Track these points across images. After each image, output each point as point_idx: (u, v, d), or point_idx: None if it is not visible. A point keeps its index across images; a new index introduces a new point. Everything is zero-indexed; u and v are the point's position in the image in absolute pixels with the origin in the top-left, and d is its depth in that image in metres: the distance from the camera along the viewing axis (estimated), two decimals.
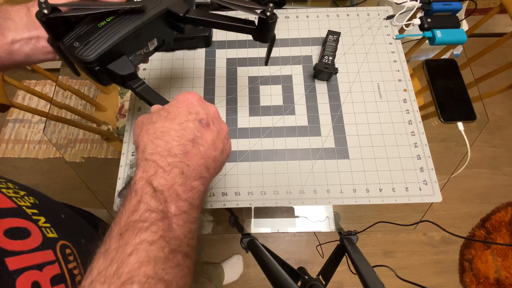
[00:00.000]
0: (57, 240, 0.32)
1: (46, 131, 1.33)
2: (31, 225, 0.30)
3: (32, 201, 0.33)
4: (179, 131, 0.25)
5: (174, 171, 0.23)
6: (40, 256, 0.28)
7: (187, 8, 0.35)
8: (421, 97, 0.82)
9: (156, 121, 0.25)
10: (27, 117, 1.41)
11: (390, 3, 0.65)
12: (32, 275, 0.26)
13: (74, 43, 0.31)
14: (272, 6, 0.34)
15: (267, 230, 0.71)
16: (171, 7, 0.34)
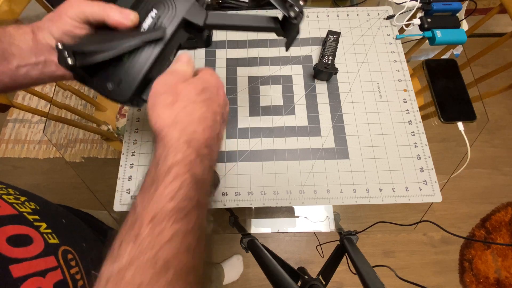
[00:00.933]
0: (58, 246, 0.32)
1: (46, 131, 1.33)
2: (33, 232, 0.30)
3: (33, 207, 0.33)
4: (212, 121, 0.24)
5: (205, 164, 0.23)
6: (42, 262, 0.28)
7: (205, 14, 0.32)
8: (421, 97, 0.82)
9: (195, 100, 0.24)
10: (27, 117, 1.41)
11: (390, 3, 0.65)
12: (36, 282, 0.26)
13: (107, 84, 0.30)
14: (300, 5, 0.32)
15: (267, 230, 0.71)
16: (188, 16, 0.32)
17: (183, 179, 0.20)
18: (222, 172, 0.52)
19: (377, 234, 1.23)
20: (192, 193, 0.21)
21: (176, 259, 0.18)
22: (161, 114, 0.23)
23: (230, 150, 0.53)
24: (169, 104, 0.23)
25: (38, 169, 1.32)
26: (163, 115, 0.23)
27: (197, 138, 0.23)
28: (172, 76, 0.26)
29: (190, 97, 0.24)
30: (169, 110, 0.23)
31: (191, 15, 0.31)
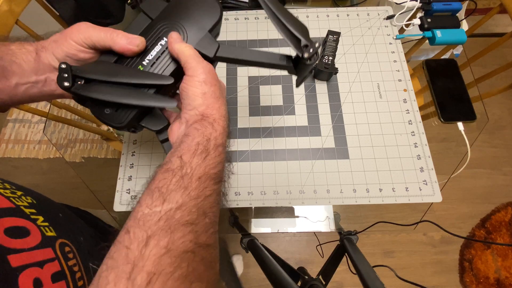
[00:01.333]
0: (56, 238, 0.32)
1: (46, 131, 1.33)
2: (30, 224, 0.30)
3: (30, 201, 0.33)
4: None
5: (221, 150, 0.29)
6: (40, 254, 0.29)
7: (216, 46, 0.32)
8: (421, 97, 0.82)
9: (223, 103, 0.30)
10: (27, 117, 1.41)
11: (390, 3, 0.65)
12: (34, 272, 0.27)
13: (105, 110, 0.30)
14: (315, 47, 0.31)
15: (267, 230, 0.71)
16: (199, 47, 0.31)
17: (223, 157, 0.27)
18: None
19: (377, 234, 1.23)
20: (224, 167, 0.28)
21: (212, 210, 0.24)
22: (211, 104, 0.28)
23: (230, 150, 0.53)
24: (218, 98, 0.29)
25: (38, 169, 1.32)
26: (214, 105, 0.28)
27: (229, 129, 0.30)
28: (214, 72, 0.30)
29: (224, 95, 0.31)
30: (218, 103, 0.28)
31: (202, 46, 0.32)
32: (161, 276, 0.19)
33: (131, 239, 0.20)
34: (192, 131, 0.26)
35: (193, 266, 0.21)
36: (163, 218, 0.21)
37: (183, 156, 0.25)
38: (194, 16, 0.32)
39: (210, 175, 0.25)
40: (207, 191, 0.24)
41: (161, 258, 0.20)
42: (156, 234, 0.21)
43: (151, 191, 0.23)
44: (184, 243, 0.21)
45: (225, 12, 0.66)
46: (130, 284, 0.19)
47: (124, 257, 0.20)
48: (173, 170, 0.24)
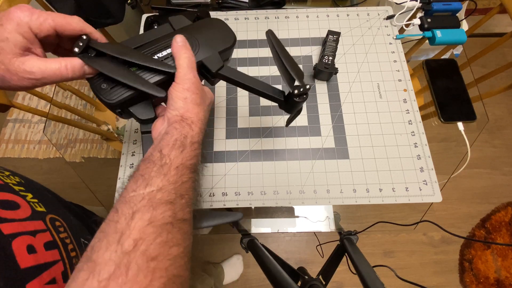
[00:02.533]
0: (46, 213, 0.33)
1: (46, 131, 1.33)
2: (20, 199, 0.31)
3: (18, 180, 0.34)
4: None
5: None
6: (31, 224, 0.30)
7: (221, 64, 0.36)
8: (421, 97, 0.82)
9: (203, 109, 0.33)
10: (27, 117, 1.41)
11: (390, 3, 0.65)
12: (26, 240, 0.28)
13: (102, 84, 0.32)
14: (306, 89, 0.36)
15: (267, 230, 0.71)
16: (206, 61, 0.35)
17: (198, 152, 0.31)
18: (222, 172, 0.52)
19: (377, 234, 1.23)
20: (198, 161, 0.31)
21: (188, 193, 0.28)
22: (191, 109, 0.31)
23: (230, 150, 0.53)
24: (198, 104, 0.32)
25: (38, 169, 1.32)
26: (193, 110, 0.32)
27: (205, 130, 0.34)
28: (199, 83, 0.33)
29: (206, 103, 0.34)
30: (197, 109, 0.32)
31: (209, 61, 0.36)
32: (145, 241, 0.22)
33: (119, 215, 0.24)
34: (171, 130, 0.30)
35: (172, 235, 0.24)
36: (146, 198, 0.25)
37: (163, 150, 0.28)
38: (210, 37, 0.37)
39: (187, 165, 0.29)
40: (183, 177, 0.28)
41: (145, 228, 0.23)
42: (140, 210, 0.24)
43: (135, 178, 0.27)
44: (164, 217, 0.24)
45: (225, 12, 0.66)
46: (120, 247, 0.22)
47: (113, 229, 0.23)
48: (153, 161, 0.27)
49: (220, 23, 0.39)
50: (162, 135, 0.30)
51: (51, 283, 0.28)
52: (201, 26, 0.37)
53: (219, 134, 0.54)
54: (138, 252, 0.22)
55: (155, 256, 0.22)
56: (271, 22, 0.64)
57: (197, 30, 0.36)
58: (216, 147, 0.53)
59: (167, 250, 0.23)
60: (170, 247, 0.24)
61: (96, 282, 0.20)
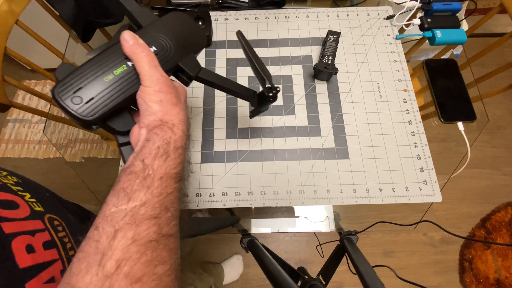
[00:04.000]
0: (44, 213, 0.33)
1: (46, 131, 1.33)
2: (18, 199, 0.31)
3: (16, 180, 0.34)
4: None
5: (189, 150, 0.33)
6: (30, 224, 0.30)
7: (199, 68, 0.35)
8: (421, 97, 0.82)
9: (181, 108, 0.31)
10: (27, 117, 1.41)
11: (390, 3, 0.65)
12: (25, 239, 0.28)
13: (73, 98, 0.27)
14: (276, 90, 0.38)
15: (267, 230, 0.71)
16: (184, 65, 0.33)
17: (182, 158, 0.29)
18: (222, 172, 0.52)
19: (377, 234, 1.23)
20: (184, 167, 0.29)
21: (173, 206, 0.26)
22: (169, 111, 0.29)
23: (230, 150, 0.53)
24: (175, 104, 0.30)
25: (38, 169, 1.32)
26: (172, 111, 0.29)
27: (188, 132, 0.32)
28: (169, 81, 0.31)
29: (182, 100, 0.32)
30: (176, 109, 0.30)
31: (187, 64, 0.33)
32: (128, 261, 0.21)
33: (100, 233, 0.22)
34: (152, 136, 0.28)
35: (157, 253, 0.23)
36: (129, 214, 0.23)
37: (145, 160, 0.26)
38: (183, 37, 0.33)
39: (171, 175, 0.27)
40: (168, 189, 0.26)
41: (129, 247, 0.22)
42: (123, 228, 0.22)
43: (116, 192, 0.25)
44: (148, 234, 0.23)
45: (225, 12, 0.66)
46: (101, 269, 0.20)
47: (94, 249, 0.22)
48: (136, 172, 0.26)
49: (188, 20, 0.35)
50: (143, 142, 0.28)
51: (50, 282, 0.28)
52: (169, 25, 0.33)
53: (219, 134, 0.54)
54: (121, 275, 0.21)
55: (139, 277, 0.21)
56: (271, 22, 0.64)
57: (166, 30, 0.32)
58: (216, 147, 0.53)
59: (152, 270, 0.22)
60: (155, 266, 0.23)
61: None
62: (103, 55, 0.29)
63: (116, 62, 0.29)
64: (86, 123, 0.28)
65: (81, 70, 0.28)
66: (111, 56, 0.29)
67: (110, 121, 0.30)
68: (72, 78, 0.27)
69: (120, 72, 0.29)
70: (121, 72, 0.29)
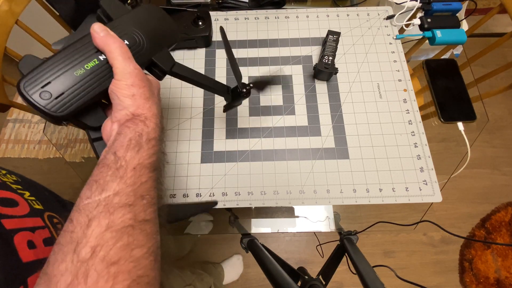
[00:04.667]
0: (43, 211, 0.34)
1: (46, 131, 1.33)
2: (18, 197, 0.32)
3: (15, 179, 0.35)
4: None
5: (163, 142, 0.33)
6: (30, 221, 0.30)
7: (173, 63, 0.34)
8: (421, 97, 0.82)
9: (154, 102, 0.31)
10: (27, 117, 1.41)
11: (390, 3, 0.65)
12: (27, 236, 0.28)
13: (41, 93, 0.26)
14: (250, 87, 0.40)
15: (267, 230, 0.71)
16: (157, 59, 0.33)
17: (156, 149, 0.29)
18: (222, 172, 0.52)
19: (377, 234, 1.23)
20: (158, 158, 0.29)
21: (149, 193, 0.26)
22: (142, 105, 0.29)
23: (230, 150, 0.53)
24: (148, 98, 0.29)
25: (38, 169, 1.32)
26: (145, 105, 0.29)
27: (162, 124, 0.32)
28: (143, 74, 0.30)
29: (155, 94, 0.32)
30: (149, 103, 0.29)
31: (160, 59, 0.33)
32: (104, 247, 0.21)
33: (74, 224, 0.22)
34: (124, 129, 0.27)
35: (133, 237, 0.23)
36: (102, 204, 0.23)
37: (117, 152, 0.26)
38: (155, 31, 0.33)
39: (145, 165, 0.27)
40: (142, 178, 0.26)
41: (103, 234, 0.22)
42: (96, 217, 0.23)
43: (89, 185, 0.25)
44: (123, 221, 0.23)
45: (225, 12, 0.66)
46: (75, 256, 0.21)
47: (68, 239, 0.22)
48: (108, 164, 0.26)
49: (161, 13, 0.34)
50: (115, 136, 0.28)
51: None
52: (140, 18, 0.32)
53: (219, 134, 0.54)
54: (97, 259, 0.21)
55: (116, 260, 0.21)
56: (271, 22, 0.64)
57: (138, 23, 0.31)
58: (216, 147, 0.53)
59: (128, 253, 0.22)
60: (132, 249, 0.23)
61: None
62: (72, 48, 0.28)
63: (86, 56, 0.28)
64: (56, 119, 0.27)
65: (49, 63, 0.27)
66: (81, 49, 0.28)
67: (82, 116, 0.29)
68: (39, 71, 0.26)
69: (91, 67, 0.28)
70: (92, 66, 0.28)
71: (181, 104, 0.57)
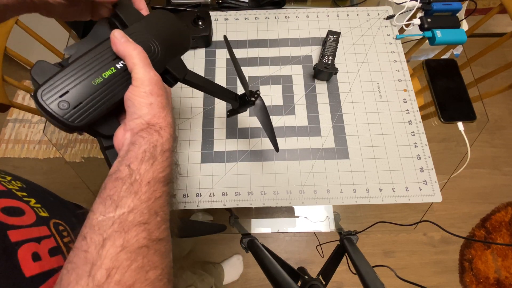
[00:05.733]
0: (49, 218, 0.33)
1: (46, 131, 1.33)
2: (24, 205, 0.31)
3: (20, 185, 0.35)
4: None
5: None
6: (36, 231, 0.30)
7: (186, 71, 0.34)
8: (421, 97, 0.82)
9: (169, 111, 0.30)
10: (27, 117, 1.41)
11: (390, 3, 0.65)
12: (32, 247, 0.28)
13: (59, 102, 0.25)
14: (258, 95, 0.40)
15: (267, 230, 0.71)
16: (171, 67, 0.32)
17: (170, 161, 0.28)
18: (222, 172, 0.52)
19: (377, 234, 1.23)
20: (171, 170, 0.29)
21: (162, 209, 0.26)
22: (158, 114, 0.28)
23: (230, 150, 0.53)
24: (164, 107, 0.29)
25: (38, 169, 1.32)
26: (161, 114, 0.28)
27: (175, 134, 0.31)
28: (161, 81, 0.30)
29: (170, 103, 0.32)
30: (164, 112, 0.29)
31: (174, 67, 0.33)
32: (119, 269, 0.21)
33: (88, 243, 0.22)
34: (138, 140, 0.27)
35: (148, 258, 0.23)
36: (117, 222, 0.23)
37: (131, 165, 0.25)
38: (169, 38, 0.33)
39: (159, 179, 0.26)
40: (156, 193, 0.26)
41: (118, 255, 0.21)
42: (111, 236, 0.22)
43: (103, 200, 0.24)
44: (138, 241, 0.23)
45: (225, 12, 0.66)
46: (91, 280, 0.20)
47: (83, 259, 0.21)
48: (122, 178, 0.25)
49: (174, 20, 0.34)
50: (128, 145, 0.27)
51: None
52: (156, 25, 0.32)
53: (219, 134, 0.54)
54: (112, 283, 0.20)
55: (131, 284, 0.21)
56: (271, 22, 0.64)
57: (153, 31, 0.31)
58: (216, 147, 0.53)
59: (143, 276, 0.22)
60: (146, 272, 0.22)
61: None
62: (89, 56, 0.28)
63: (104, 64, 0.28)
64: (72, 128, 0.26)
65: (66, 71, 0.26)
66: (97, 57, 0.28)
67: (96, 125, 0.29)
68: (57, 80, 0.26)
69: (109, 75, 0.27)
70: (110, 75, 0.28)
71: (181, 104, 0.57)
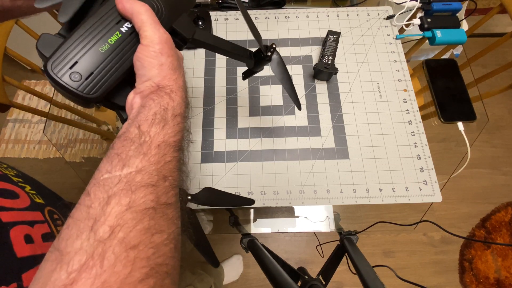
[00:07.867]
0: (44, 205, 0.33)
1: (46, 131, 1.33)
2: (19, 190, 0.31)
3: (16, 172, 0.34)
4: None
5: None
6: (30, 215, 0.30)
7: (194, 30, 0.32)
8: (421, 97, 0.82)
9: (180, 74, 0.29)
10: (27, 117, 1.41)
11: (390, 3, 0.65)
12: (24, 229, 0.28)
13: (71, 74, 0.25)
14: (274, 49, 0.37)
15: (267, 230, 0.71)
16: (178, 27, 0.30)
17: (181, 126, 0.27)
18: (222, 172, 0.52)
19: (377, 234, 1.23)
20: (183, 136, 0.28)
21: (172, 175, 0.25)
22: (168, 75, 0.27)
23: (230, 150, 0.53)
24: (176, 69, 0.28)
25: (38, 169, 1.32)
26: (172, 76, 0.27)
27: (187, 99, 0.30)
28: (171, 41, 0.29)
29: (182, 66, 0.30)
30: (176, 74, 0.28)
31: (181, 26, 0.31)
32: (123, 227, 0.20)
33: (92, 199, 0.21)
34: (148, 102, 0.25)
35: (154, 221, 0.22)
36: (123, 180, 0.22)
37: (141, 126, 0.24)
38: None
39: (170, 143, 0.25)
40: (167, 157, 0.25)
41: (123, 214, 0.20)
42: (117, 194, 0.21)
43: (110, 158, 0.23)
44: (145, 202, 0.21)
45: (225, 12, 0.66)
46: (92, 234, 0.19)
47: (85, 214, 0.20)
48: (131, 138, 0.24)
49: None
50: (138, 108, 0.26)
51: None
52: None
53: (219, 134, 0.54)
54: (115, 240, 0.19)
55: (135, 244, 0.20)
56: (271, 22, 0.64)
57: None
58: (216, 147, 0.53)
59: (149, 238, 0.21)
60: (152, 234, 0.21)
61: (65, 273, 0.17)
62: (90, 23, 0.26)
63: (107, 29, 0.26)
64: (88, 100, 0.25)
65: (71, 41, 0.25)
66: (101, 21, 0.26)
67: (112, 96, 0.28)
68: (63, 51, 0.25)
69: (115, 40, 0.26)
70: (116, 40, 0.26)
71: None
